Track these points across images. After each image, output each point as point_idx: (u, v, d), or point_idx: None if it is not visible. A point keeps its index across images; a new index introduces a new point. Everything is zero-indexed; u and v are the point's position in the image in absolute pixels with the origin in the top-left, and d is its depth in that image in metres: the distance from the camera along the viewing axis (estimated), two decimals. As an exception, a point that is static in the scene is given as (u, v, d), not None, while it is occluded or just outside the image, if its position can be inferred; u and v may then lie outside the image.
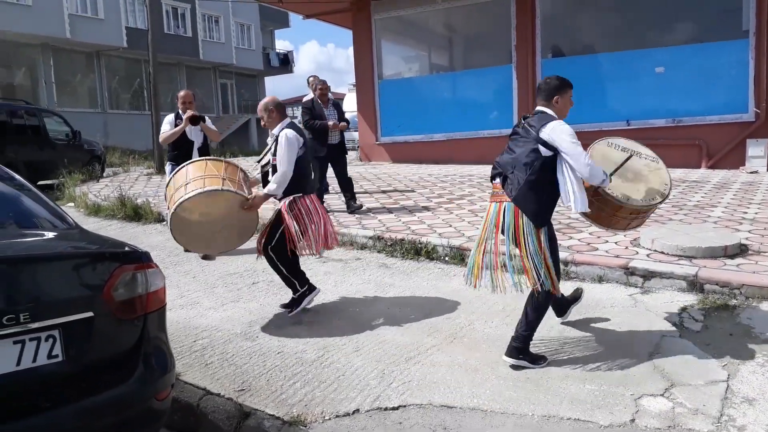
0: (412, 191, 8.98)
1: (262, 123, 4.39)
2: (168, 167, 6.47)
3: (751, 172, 9.77)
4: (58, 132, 12.79)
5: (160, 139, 6.48)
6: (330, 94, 7.85)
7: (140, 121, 25.19)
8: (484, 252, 3.42)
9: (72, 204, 9.32)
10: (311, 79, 9.43)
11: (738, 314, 4.00)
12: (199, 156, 6.16)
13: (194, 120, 6.11)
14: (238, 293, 4.88)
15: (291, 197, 4.19)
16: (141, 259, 2.49)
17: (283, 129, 4.23)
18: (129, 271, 2.40)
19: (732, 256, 4.83)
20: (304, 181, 4.28)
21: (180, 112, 6.27)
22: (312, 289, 4.38)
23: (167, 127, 6.29)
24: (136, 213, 8.02)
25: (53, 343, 2.14)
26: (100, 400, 2.23)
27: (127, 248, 2.58)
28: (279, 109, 4.33)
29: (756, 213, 6.56)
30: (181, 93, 6.40)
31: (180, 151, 6.19)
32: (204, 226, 4.10)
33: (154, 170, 12.56)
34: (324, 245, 4.28)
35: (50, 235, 2.70)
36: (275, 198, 4.23)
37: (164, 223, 7.72)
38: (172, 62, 30.09)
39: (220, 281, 5.22)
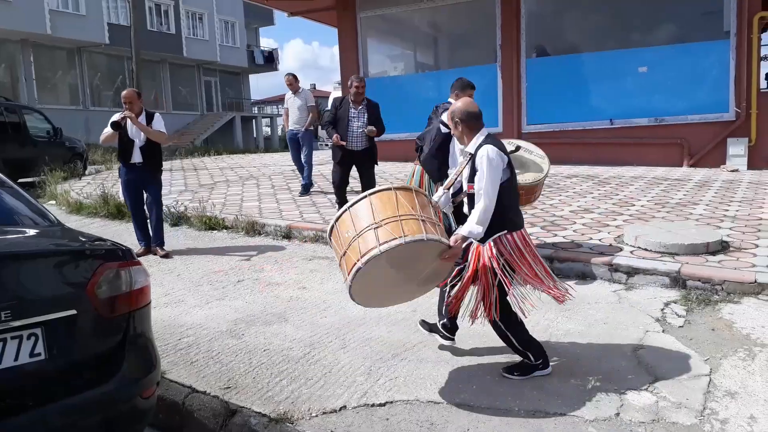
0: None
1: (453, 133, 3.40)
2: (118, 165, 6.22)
3: (732, 171, 9.91)
4: (39, 129, 12.61)
5: (100, 140, 6.21)
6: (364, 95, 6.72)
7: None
8: None
9: (54, 202, 9.20)
10: (289, 77, 9.20)
11: (720, 309, 4.05)
12: (142, 157, 5.87)
13: (114, 125, 5.79)
14: (223, 291, 4.84)
15: (496, 236, 3.11)
16: (125, 257, 2.46)
17: (481, 145, 3.13)
18: (113, 269, 2.37)
19: (714, 253, 4.90)
20: (511, 213, 3.20)
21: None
22: (546, 365, 3.24)
23: (108, 127, 5.92)
24: (119, 211, 7.93)
25: (35, 341, 2.11)
26: (84, 399, 2.20)
27: (110, 245, 2.55)
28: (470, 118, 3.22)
29: (737, 211, 6.65)
30: (123, 92, 6.05)
31: (122, 150, 5.97)
32: (389, 279, 3.01)
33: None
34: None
35: (32, 232, 2.67)
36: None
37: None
38: (155, 59, 29.85)
39: (205, 279, 5.18)
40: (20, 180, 10.54)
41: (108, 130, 5.86)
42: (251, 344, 3.73)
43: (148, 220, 6.21)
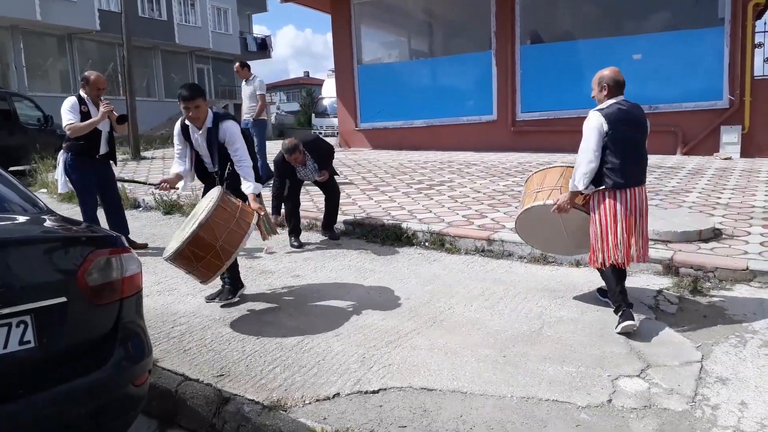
0: (393, 177, 8.96)
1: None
2: (64, 158, 5.44)
3: (725, 158, 9.93)
4: (30, 117, 12.48)
5: (70, 130, 5.31)
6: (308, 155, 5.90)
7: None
8: None
9: (45, 190, 9.12)
10: (236, 65, 8.84)
11: (712, 296, 4.07)
12: (107, 146, 5.52)
13: (122, 119, 5.49)
14: (216, 279, 4.82)
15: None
16: (115, 244, 2.44)
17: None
18: (103, 256, 2.34)
19: (706, 240, 4.92)
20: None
21: (84, 96, 5.41)
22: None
23: (72, 115, 5.30)
24: (111, 199, 7.86)
25: (25, 329, 2.09)
26: (75, 387, 2.18)
27: (101, 232, 2.53)
28: None
29: (729, 198, 6.67)
30: (93, 77, 5.45)
31: (87, 141, 5.38)
32: (546, 229, 4.11)
33: (129, 156, 12.34)
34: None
35: (21, 219, 2.63)
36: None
37: (141, 209, 7.61)
38: (147, 46, 29.53)
39: (198, 267, 5.15)
40: (11, 168, 10.45)
41: (74, 117, 5.31)
42: (244, 332, 3.72)
43: (110, 216, 5.75)
